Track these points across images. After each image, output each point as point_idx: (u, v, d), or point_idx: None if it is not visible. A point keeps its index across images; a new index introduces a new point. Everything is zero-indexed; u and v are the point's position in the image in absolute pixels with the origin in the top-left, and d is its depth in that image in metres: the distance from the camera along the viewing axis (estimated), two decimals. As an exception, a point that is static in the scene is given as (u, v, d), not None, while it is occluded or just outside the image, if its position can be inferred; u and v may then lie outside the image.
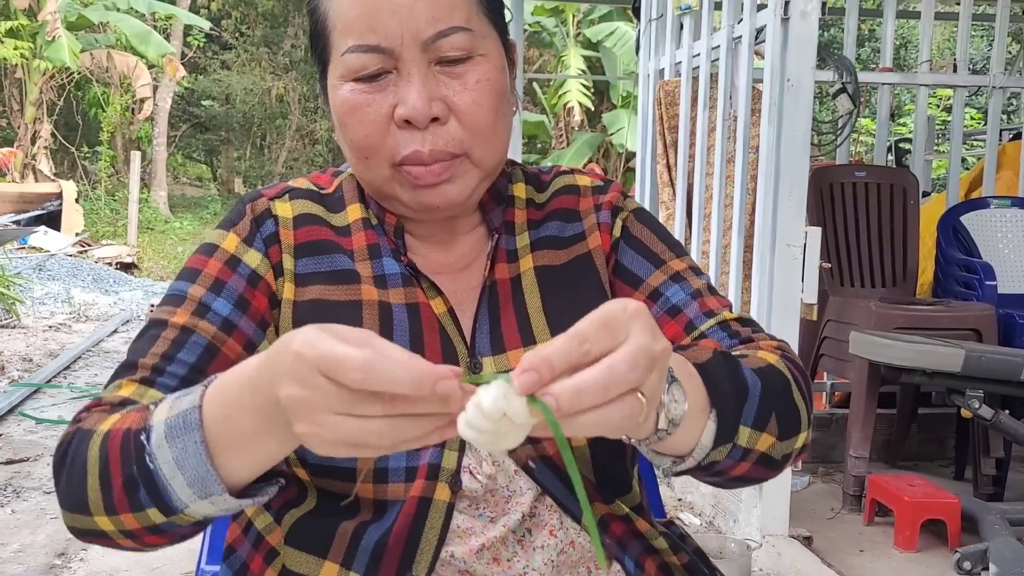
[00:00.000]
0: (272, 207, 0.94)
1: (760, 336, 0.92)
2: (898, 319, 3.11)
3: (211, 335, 0.86)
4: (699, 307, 0.93)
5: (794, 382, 0.84)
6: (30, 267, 9.16)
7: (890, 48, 3.88)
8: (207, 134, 21.10)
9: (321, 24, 0.88)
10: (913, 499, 2.74)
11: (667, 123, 3.65)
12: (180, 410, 0.69)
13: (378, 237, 0.94)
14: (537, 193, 1.01)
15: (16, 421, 4.35)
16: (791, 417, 0.81)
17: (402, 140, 0.85)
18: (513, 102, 0.94)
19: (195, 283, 0.89)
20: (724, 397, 0.74)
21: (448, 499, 0.86)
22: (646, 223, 0.99)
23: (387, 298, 0.91)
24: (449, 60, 0.85)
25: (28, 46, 13.22)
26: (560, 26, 13.86)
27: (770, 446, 0.78)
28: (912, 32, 11.91)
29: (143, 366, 0.84)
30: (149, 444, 0.70)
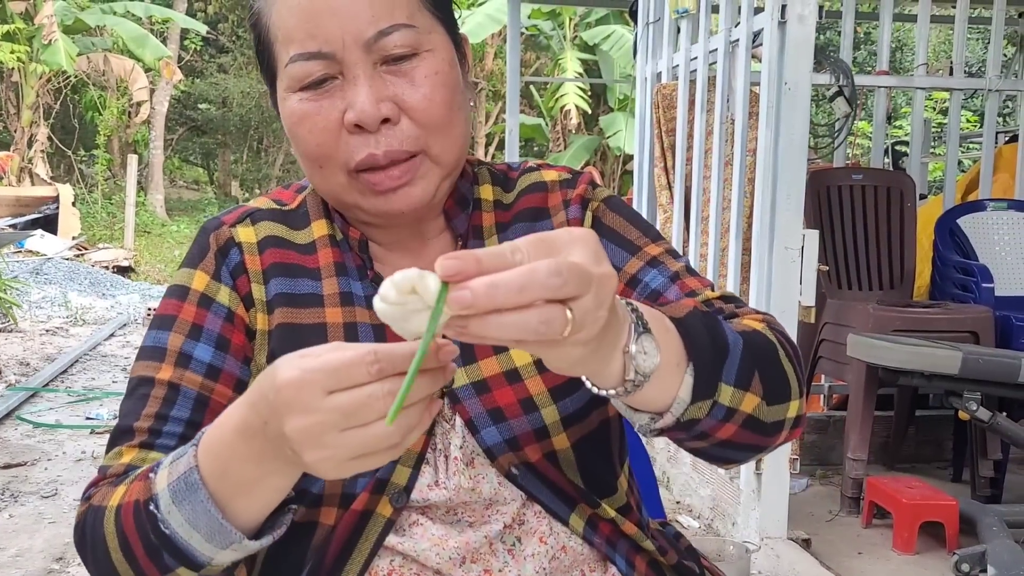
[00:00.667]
0: (234, 234, 0.92)
1: (744, 310, 0.89)
2: (896, 321, 3.11)
3: (199, 385, 0.86)
4: (679, 289, 0.91)
5: (780, 348, 0.81)
6: (27, 271, 9.15)
7: (886, 51, 3.89)
8: (204, 137, 21.09)
9: (264, 37, 0.87)
10: (911, 501, 2.74)
11: (664, 126, 3.65)
12: (179, 474, 0.71)
13: (343, 254, 0.93)
14: (505, 193, 0.99)
15: (13, 425, 4.34)
16: (778, 380, 0.78)
17: (354, 145, 0.83)
18: (469, 96, 0.92)
19: (172, 331, 0.88)
20: (701, 350, 0.71)
21: (388, 515, 0.85)
22: (617, 210, 0.97)
23: (353, 318, 0.89)
24: (394, 58, 0.83)
25: (25, 49, 13.21)
26: (557, 29, 13.87)
27: (756, 407, 0.75)
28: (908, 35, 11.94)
29: (139, 430, 0.84)
30: (160, 512, 0.71)
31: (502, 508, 0.88)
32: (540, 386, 0.88)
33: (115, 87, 15.35)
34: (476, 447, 0.87)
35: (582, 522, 0.89)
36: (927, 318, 3.19)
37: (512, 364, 0.89)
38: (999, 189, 4.08)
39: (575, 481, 0.89)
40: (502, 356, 0.89)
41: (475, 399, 0.88)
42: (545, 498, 0.88)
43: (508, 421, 0.87)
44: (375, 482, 0.85)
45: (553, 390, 0.88)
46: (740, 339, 0.76)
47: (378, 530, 0.85)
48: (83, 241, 12.10)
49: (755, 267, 2.83)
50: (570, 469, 0.89)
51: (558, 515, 0.88)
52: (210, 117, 20.10)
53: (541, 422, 0.88)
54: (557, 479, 0.89)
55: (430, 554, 0.85)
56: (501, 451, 0.87)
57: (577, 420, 0.89)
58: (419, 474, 0.86)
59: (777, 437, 0.80)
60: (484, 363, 0.89)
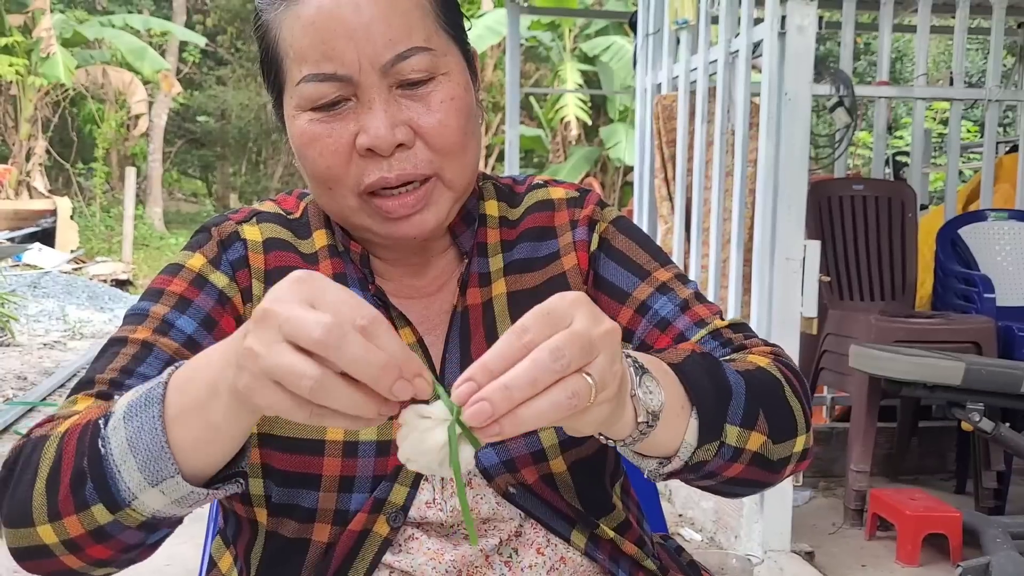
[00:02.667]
0: (240, 230, 0.90)
1: (753, 342, 0.89)
2: (898, 332, 3.10)
3: (173, 351, 0.82)
4: (689, 318, 0.90)
5: (786, 383, 0.81)
6: (24, 284, 9.14)
7: (886, 61, 3.90)
8: (202, 150, 21.12)
9: (272, 51, 0.84)
10: (915, 513, 2.73)
11: (665, 137, 3.65)
12: (144, 390, 0.67)
13: (344, 265, 0.91)
14: (510, 209, 0.97)
15: (10, 440, 4.31)
16: (783, 416, 0.79)
17: (366, 168, 0.82)
18: (479, 114, 0.90)
19: (158, 302, 0.85)
20: (703, 392, 0.72)
21: (386, 534, 0.84)
22: (626, 232, 0.96)
23: None
24: (410, 83, 0.81)
25: (23, 62, 13.24)
26: (557, 40, 13.91)
27: (762, 445, 0.76)
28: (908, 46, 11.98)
29: (100, 380, 0.80)
30: (105, 428, 0.67)
31: (500, 525, 0.87)
32: None
33: (113, 100, 15.38)
34: (473, 468, 0.86)
35: (584, 538, 0.88)
36: (929, 329, 3.17)
37: None
38: (1000, 199, 4.08)
39: (572, 503, 0.89)
40: None
41: None
42: (544, 516, 0.87)
43: (505, 443, 0.86)
44: (373, 501, 0.84)
45: None
46: (742, 379, 0.77)
47: (375, 549, 0.84)
48: (81, 254, 12.10)
49: (756, 278, 2.82)
50: (567, 491, 0.89)
51: (560, 533, 0.88)
52: (208, 129, 20.14)
53: (539, 445, 0.87)
54: (554, 500, 0.88)
55: (426, 568, 0.85)
56: (498, 472, 0.86)
57: (575, 444, 0.88)
58: (417, 492, 0.85)
59: (784, 472, 0.81)
60: None
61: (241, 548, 0.90)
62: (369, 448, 0.84)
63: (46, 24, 13.20)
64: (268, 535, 0.87)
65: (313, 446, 0.84)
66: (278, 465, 0.84)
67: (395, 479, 0.84)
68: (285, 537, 0.86)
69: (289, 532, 0.86)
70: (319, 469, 0.83)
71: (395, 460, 0.83)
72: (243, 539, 0.90)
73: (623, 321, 0.91)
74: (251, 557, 0.89)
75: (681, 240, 3.54)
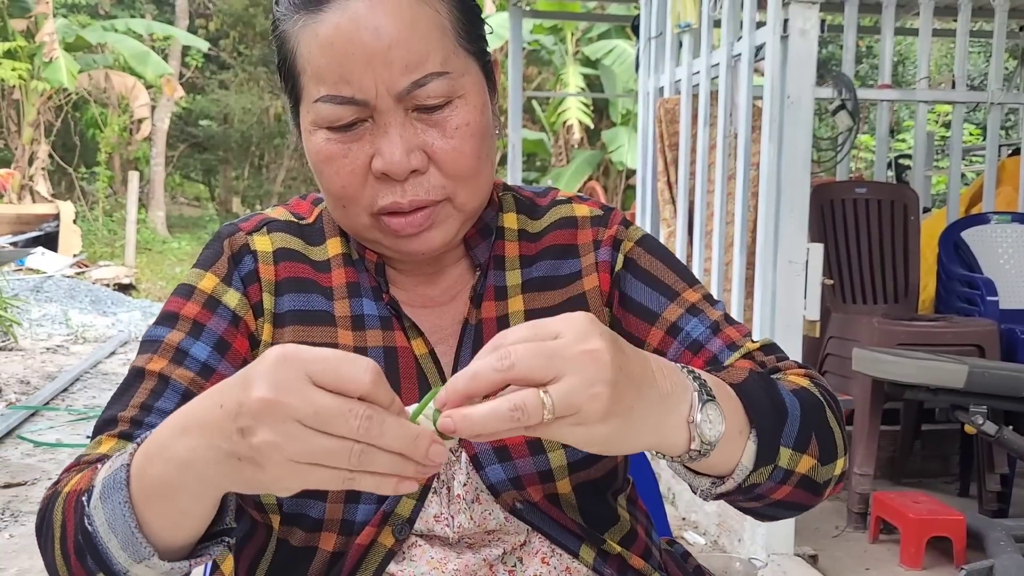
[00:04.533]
0: (250, 242, 0.90)
1: (787, 364, 0.89)
2: (901, 335, 3.10)
3: (188, 381, 0.83)
4: (721, 341, 0.90)
5: (827, 406, 0.82)
6: (27, 289, 9.15)
7: (889, 65, 3.90)
8: (205, 154, 21.14)
9: (290, 62, 0.84)
10: (918, 516, 2.72)
11: (667, 141, 3.65)
12: (114, 468, 0.67)
13: (358, 274, 0.91)
14: (531, 221, 0.96)
15: (14, 444, 4.32)
16: (829, 440, 0.79)
17: (380, 191, 0.82)
18: (495, 126, 0.90)
19: (173, 328, 0.86)
20: (764, 416, 0.73)
21: (391, 545, 0.84)
22: (653, 252, 0.95)
23: (363, 342, 0.88)
24: (427, 108, 0.81)
25: (26, 67, 13.26)
26: (559, 44, 13.92)
27: (811, 468, 0.76)
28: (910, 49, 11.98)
29: (122, 419, 0.82)
30: (88, 506, 0.68)
31: (506, 537, 0.87)
32: None
33: (116, 104, 15.41)
34: (480, 484, 0.86)
35: (592, 553, 0.88)
36: (932, 332, 3.17)
37: None
38: (1002, 202, 4.08)
39: (576, 519, 0.89)
40: None
41: None
42: (552, 531, 0.87)
43: (513, 461, 0.86)
44: (380, 515, 0.84)
45: None
46: (797, 402, 0.77)
47: (379, 559, 0.84)
48: (84, 259, 12.11)
49: (759, 281, 2.82)
50: (571, 510, 0.89)
51: (568, 548, 0.87)
52: (211, 133, 20.16)
53: (547, 465, 0.87)
54: (560, 518, 0.88)
55: None
56: (504, 488, 0.86)
57: (584, 466, 0.88)
58: (424, 506, 0.85)
59: (824, 494, 0.81)
60: None
61: (251, 552, 0.90)
62: None
63: (49, 28, 13.23)
64: (279, 542, 0.88)
65: None
66: None
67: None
68: (292, 545, 0.86)
69: (296, 540, 0.86)
70: None
71: None
72: (254, 544, 0.90)
73: (654, 342, 0.91)
74: (260, 562, 0.89)
75: (684, 243, 3.54)
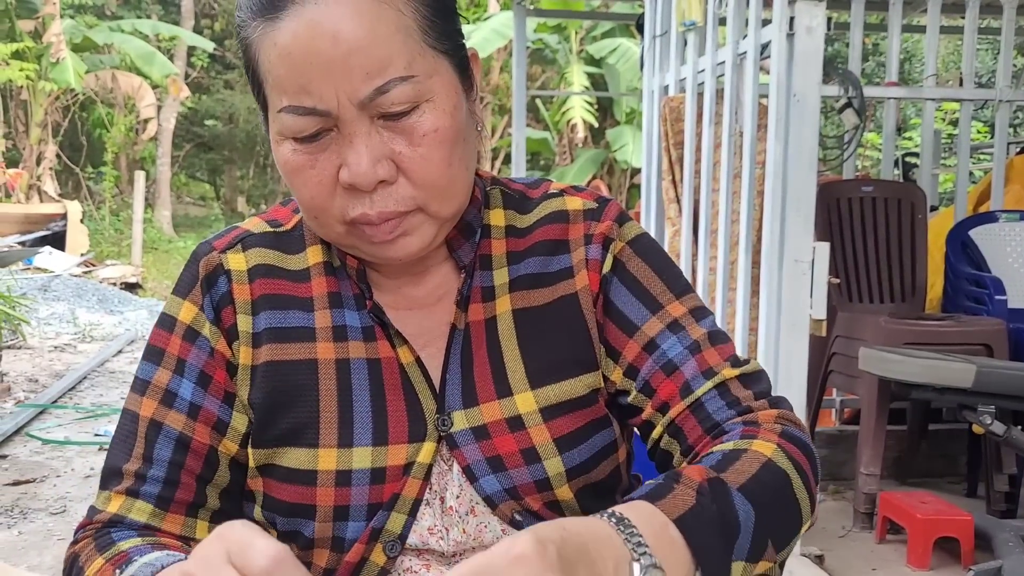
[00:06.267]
0: (224, 261, 0.88)
1: (760, 404, 0.85)
2: (908, 334, 3.09)
3: (181, 426, 0.84)
4: (697, 365, 0.85)
5: (796, 472, 0.78)
6: (35, 288, 9.17)
7: (895, 62, 3.88)
8: (210, 153, 21.19)
9: (254, 70, 0.81)
10: (925, 516, 2.71)
11: (672, 139, 3.64)
12: None
13: (339, 282, 0.88)
14: (519, 216, 0.92)
15: (22, 442, 4.33)
16: (789, 524, 0.77)
17: (350, 202, 0.79)
18: (476, 121, 0.86)
19: (160, 366, 0.86)
20: (711, 554, 0.69)
21: (383, 563, 0.83)
22: (644, 255, 0.90)
23: (345, 353, 0.86)
24: (392, 115, 0.77)
25: (33, 68, 13.30)
26: (563, 43, 13.90)
27: (768, 568, 0.74)
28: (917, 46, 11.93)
29: (126, 473, 0.84)
30: None
31: None
32: (545, 436, 0.84)
33: (123, 104, 15.44)
34: (475, 495, 0.84)
35: None
36: (940, 331, 3.16)
37: (516, 410, 0.85)
38: (1011, 200, 4.06)
39: None
40: (505, 401, 0.85)
41: (474, 445, 0.84)
42: None
43: (508, 471, 0.83)
44: (369, 531, 0.82)
45: (559, 440, 0.84)
46: (752, 510, 0.73)
47: None
48: (91, 258, 12.14)
49: (765, 280, 2.81)
50: (575, 515, 0.86)
51: None
52: (216, 133, 20.20)
53: (543, 473, 0.84)
54: None
55: None
56: (502, 499, 0.84)
57: (583, 472, 0.86)
58: (415, 520, 0.83)
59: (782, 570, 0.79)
60: (485, 407, 0.85)
61: None
62: (363, 476, 0.82)
63: (56, 29, 13.26)
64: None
65: (307, 476, 0.83)
66: (278, 495, 0.84)
67: (392, 507, 0.83)
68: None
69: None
70: (313, 499, 0.82)
71: (391, 488, 0.83)
72: None
73: (629, 356, 0.88)
74: None
75: (689, 243, 3.53)
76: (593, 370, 0.89)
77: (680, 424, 0.85)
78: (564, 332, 0.88)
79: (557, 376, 0.87)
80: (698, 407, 0.85)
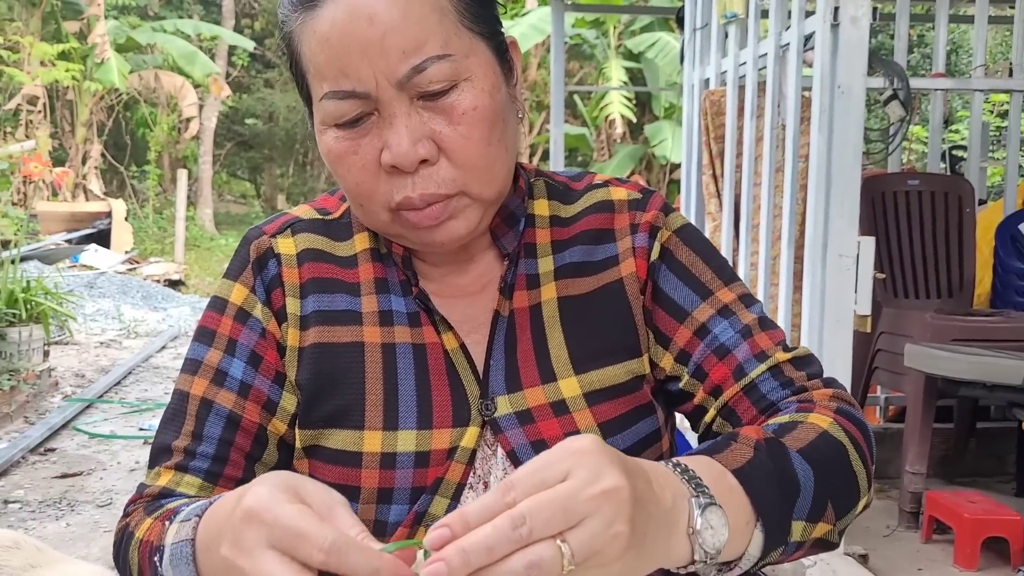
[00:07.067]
0: (274, 245, 0.90)
1: (814, 384, 0.85)
2: (955, 330, 3.03)
3: (231, 404, 0.86)
4: (749, 348, 0.86)
5: (852, 445, 0.78)
6: (82, 284, 9.35)
7: (942, 53, 3.81)
8: (251, 152, 21.43)
9: (297, 63, 0.83)
10: (973, 516, 2.66)
11: (713, 133, 3.61)
12: (180, 538, 0.71)
13: (386, 269, 0.90)
14: (563, 206, 0.93)
15: (70, 436, 4.42)
16: (848, 492, 0.76)
17: (393, 186, 0.80)
18: (517, 108, 0.87)
19: (211, 346, 0.88)
20: (770, 504, 0.69)
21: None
22: (691, 244, 0.91)
23: (391, 338, 0.87)
24: (431, 94, 0.78)
25: (79, 68, 13.54)
26: (601, 38, 13.84)
27: (827, 532, 0.74)
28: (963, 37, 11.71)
29: (175, 449, 0.85)
30: (161, 566, 0.72)
31: None
32: (589, 420, 0.85)
33: (165, 103, 15.68)
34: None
35: None
36: (988, 327, 3.09)
37: (560, 395, 0.85)
38: (1061, 193, 3.97)
39: None
40: (549, 386, 0.86)
41: (518, 429, 0.84)
42: None
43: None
44: (413, 515, 0.83)
45: (603, 425, 0.85)
46: (810, 468, 0.73)
47: None
48: (135, 255, 12.34)
49: (808, 276, 2.77)
50: None
51: None
52: (257, 132, 20.43)
53: None
54: None
55: None
56: None
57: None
58: (459, 504, 0.84)
59: (841, 539, 0.78)
60: (529, 392, 0.85)
61: None
62: (407, 459, 0.83)
63: (101, 30, 13.49)
64: None
65: (352, 458, 0.84)
66: (323, 476, 0.84)
67: (435, 491, 0.83)
68: None
69: None
70: (358, 481, 0.83)
71: (435, 472, 0.83)
72: None
73: (680, 342, 0.88)
74: None
75: (730, 237, 3.49)
76: (637, 356, 0.89)
77: (734, 406, 0.85)
78: (608, 319, 0.89)
79: (601, 362, 0.87)
80: (752, 388, 0.85)
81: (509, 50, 0.86)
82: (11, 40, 12.93)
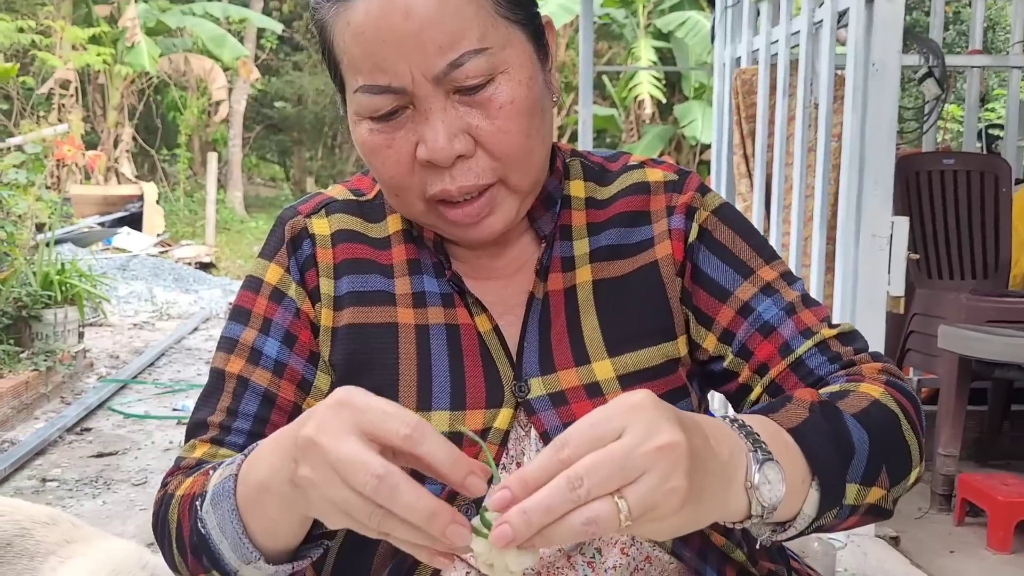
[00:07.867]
0: (309, 225, 0.90)
1: (862, 357, 0.84)
2: (990, 312, 2.98)
3: (267, 381, 0.86)
4: (795, 325, 0.85)
5: (903, 415, 0.77)
6: (115, 267, 9.46)
7: (979, 29, 3.74)
8: (280, 135, 21.54)
9: (329, 50, 0.81)
10: (1007, 499, 2.63)
11: (744, 112, 3.57)
12: (223, 476, 0.72)
13: (419, 251, 0.90)
14: (599, 188, 0.92)
15: (105, 416, 4.49)
16: (901, 460, 0.76)
17: (429, 179, 0.80)
18: (552, 92, 0.85)
19: (247, 326, 0.88)
20: (826, 463, 0.69)
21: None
22: (730, 223, 0.90)
23: (425, 319, 0.87)
24: (467, 88, 0.76)
25: (110, 52, 13.66)
26: (630, 17, 13.72)
27: (881, 497, 0.74)
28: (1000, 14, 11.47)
29: (211, 424, 0.86)
30: (201, 510, 0.73)
31: None
32: None
33: (195, 87, 15.77)
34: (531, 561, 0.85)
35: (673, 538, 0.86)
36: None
37: (593, 377, 0.85)
38: (1101, 172, 3.89)
39: None
40: (583, 369, 0.85)
41: (551, 411, 0.84)
42: None
43: None
44: (446, 495, 0.83)
45: None
46: (864, 431, 0.73)
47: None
48: (167, 238, 12.47)
49: (840, 256, 2.74)
50: None
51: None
52: (286, 115, 20.52)
53: None
54: None
55: None
56: None
57: None
58: (491, 487, 0.84)
59: (894, 508, 0.77)
60: (563, 374, 0.85)
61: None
62: None
63: (131, 14, 13.59)
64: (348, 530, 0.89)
65: None
66: None
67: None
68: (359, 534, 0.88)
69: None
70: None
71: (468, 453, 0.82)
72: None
73: (724, 321, 0.87)
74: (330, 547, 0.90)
75: (761, 218, 3.46)
76: (671, 339, 0.88)
77: (781, 383, 0.85)
78: (643, 302, 0.88)
79: (636, 344, 0.87)
80: (799, 364, 0.84)
81: (545, 33, 0.85)
82: (43, 24, 13.07)
